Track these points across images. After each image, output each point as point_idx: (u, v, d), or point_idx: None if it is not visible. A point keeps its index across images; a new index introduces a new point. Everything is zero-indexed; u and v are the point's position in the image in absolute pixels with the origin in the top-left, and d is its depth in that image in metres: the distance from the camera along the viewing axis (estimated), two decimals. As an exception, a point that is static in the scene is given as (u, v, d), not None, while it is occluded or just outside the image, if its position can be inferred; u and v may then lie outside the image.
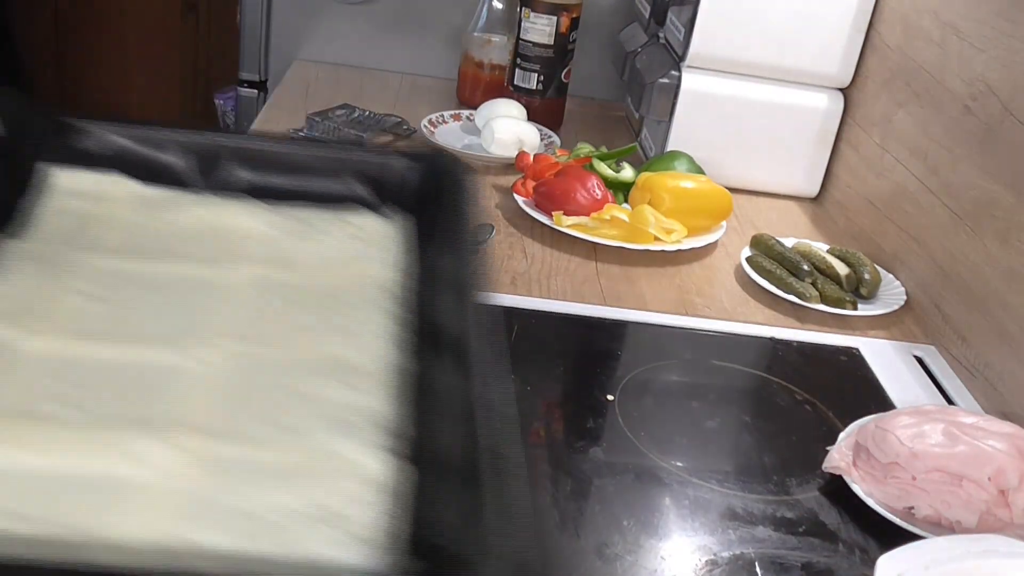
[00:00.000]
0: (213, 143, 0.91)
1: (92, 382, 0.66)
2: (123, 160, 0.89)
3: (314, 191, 0.90)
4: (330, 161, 0.91)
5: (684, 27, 1.46)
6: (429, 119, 1.58)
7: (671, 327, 1.13)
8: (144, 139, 0.90)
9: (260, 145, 0.92)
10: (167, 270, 0.79)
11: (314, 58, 1.88)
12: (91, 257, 0.79)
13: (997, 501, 0.81)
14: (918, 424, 0.86)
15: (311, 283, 0.80)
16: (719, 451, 0.95)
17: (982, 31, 1.16)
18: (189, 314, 0.74)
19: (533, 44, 1.63)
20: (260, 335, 0.73)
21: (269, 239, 0.84)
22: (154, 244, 0.82)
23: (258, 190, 0.89)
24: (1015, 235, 1.05)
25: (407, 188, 0.91)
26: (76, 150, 0.89)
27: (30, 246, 0.79)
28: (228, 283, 0.79)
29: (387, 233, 0.88)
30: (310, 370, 0.69)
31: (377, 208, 0.90)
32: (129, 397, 0.65)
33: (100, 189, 0.88)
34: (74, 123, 0.90)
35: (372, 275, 0.82)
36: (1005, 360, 1.03)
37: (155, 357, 0.69)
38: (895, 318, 1.21)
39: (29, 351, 0.68)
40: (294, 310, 0.76)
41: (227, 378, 0.68)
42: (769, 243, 1.28)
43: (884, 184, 1.36)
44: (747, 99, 1.48)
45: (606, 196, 1.33)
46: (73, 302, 0.74)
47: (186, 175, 0.90)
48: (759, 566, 0.78)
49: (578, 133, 1.69)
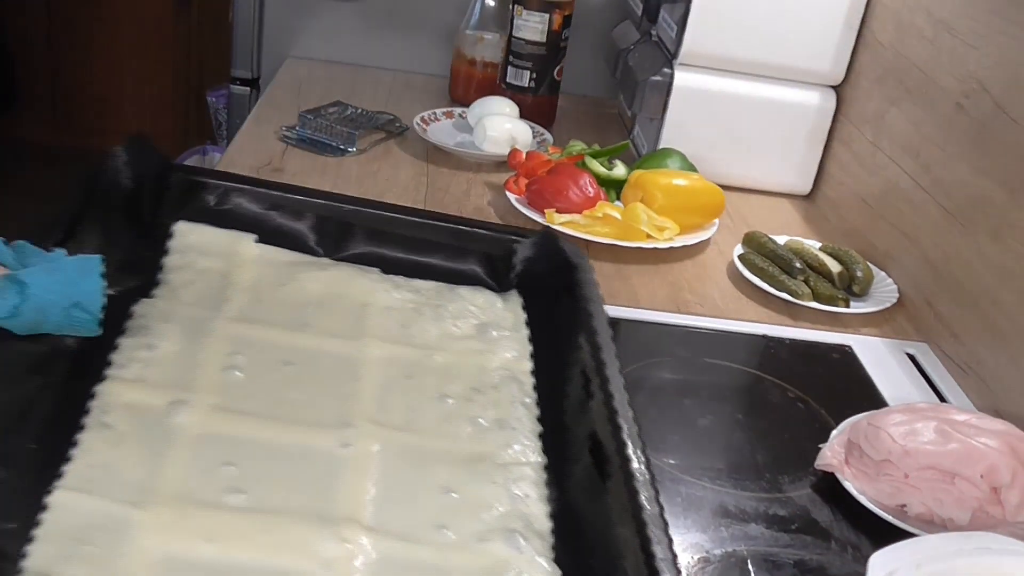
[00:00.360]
0: (341, 212, 0.93)
1: (253, 465, 0.67)
2: (250, 221, 0.92)
3: (434, 266, 0.93)
4: (452, 237, 0.93)
5: (676, 24, 1.46)
6: (421, 116, 1.58)
7: (663, 324, 1.13)
8: (272, 201, 0.93)
9: (384, 216, 0.94)
10: (301, 342, 0.81)
11: (307, 55, 1.88)
12: (227, 324, 0.80)
13: (989, 499, 0.81)
14: (910, 422, 0.86)
15: (442, 365, 0.82)
16: (712, 449, 0.95)
17: (975, 28, 1.16)
18: (335, 394, 0.76)
19: (525, 41, 1.63)
20: (409, 422, 0.74)
21: (396, 315, 0.86)
22: (286, 313, 0.84)
23: (380, 261, 0.92)
24: (1007, 232, 1.05)
25: (524, 269, 0.93)
26: (204, 208, 0.91)
27: (165, 306, 0.80)
28: (362, 360, 0.80)
29: (508, 315, 0.90)
30: (466, 467, 0.71)
31: (495, 287, 0.93)
32: (292, 485, 0.67)
33: (228, 249, 0.89)
34: (203, 180, 0.92)
35: (501, 361, 0.83)
36: (997, 357, 1.03)
37: (312, 442, 0.70)
38: (887, 315, 1.21)
39: (183, 426, 0.69)
40: (433, 395, 0.78)
41: (387, 470, 0.69)
42: (761, 240, 1.28)
43: (876, 181, 1.36)
44: (739, 96, 1.48)
45: (598, 194, 1.33)
46: (216, 372, 0.75)
47: (311, 241, 0.92)
48: (751, 564, 0.78)
49: (570, 131, 1.68)
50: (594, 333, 0.80)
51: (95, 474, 0.63)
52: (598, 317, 0.82)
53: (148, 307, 0.80)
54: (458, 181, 1.43)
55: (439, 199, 1.36)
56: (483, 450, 0.73)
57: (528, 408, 0.78)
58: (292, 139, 1.48)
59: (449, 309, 0.88)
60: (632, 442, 0.67)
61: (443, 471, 0.70)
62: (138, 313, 0.78)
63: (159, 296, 0.82)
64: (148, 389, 0.71)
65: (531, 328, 0.88)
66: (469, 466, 0.71)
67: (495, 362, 0.83)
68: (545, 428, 0.77)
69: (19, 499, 0.61)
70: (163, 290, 0.83)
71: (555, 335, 0.86)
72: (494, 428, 0.75)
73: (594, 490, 0.68)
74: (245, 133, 1.50)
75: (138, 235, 0.88)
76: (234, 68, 1.89)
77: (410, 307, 0.87)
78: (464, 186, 1.41)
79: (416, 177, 1.42)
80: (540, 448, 0.74)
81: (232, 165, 1.36)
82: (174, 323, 0.78)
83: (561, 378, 0.81)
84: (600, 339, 0.79)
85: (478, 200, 1.37)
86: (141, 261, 0.85)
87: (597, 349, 0.78)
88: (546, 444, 0.75)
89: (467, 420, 0.76)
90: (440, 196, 1.37)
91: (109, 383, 0.71)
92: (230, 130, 1.97)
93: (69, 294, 0.71)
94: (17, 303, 0.68)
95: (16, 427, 0.65)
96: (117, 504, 0.62)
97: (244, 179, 0.95)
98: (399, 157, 1.49)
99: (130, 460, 0.65)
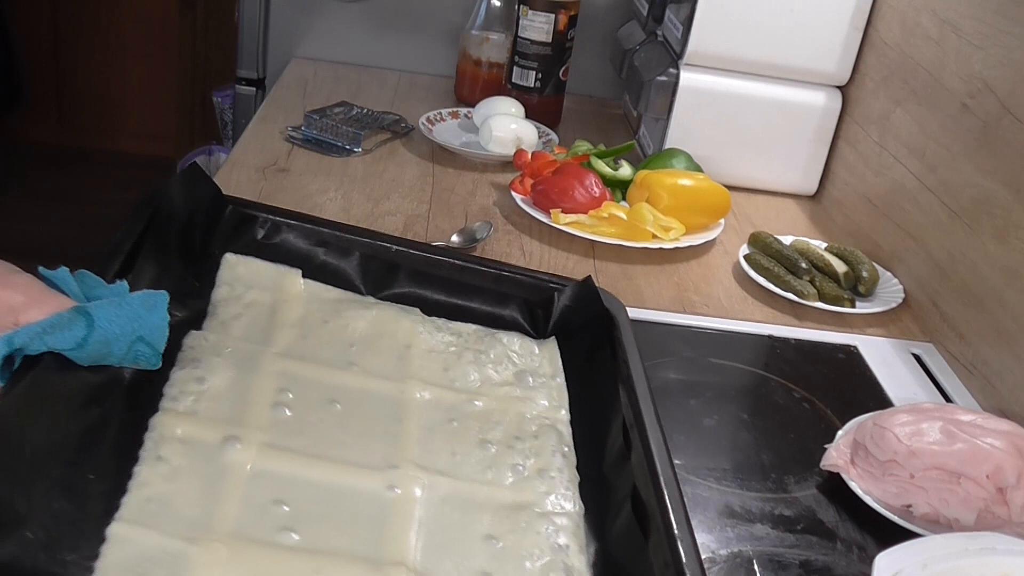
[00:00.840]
0: (387, 252, 0.95)
1: (304, 505, 0.69)
2: (298, 256, 0.94)
3: (474, 310, 0.95)
4: (493, 282, 0.96)
5: (682, 25, 1.46)
6: (427, 117, 1.58)
7: (669, 325, 1.13)
8: (320, 238, 0.95)
9: (428, 259, 0.96)
10: (347, 381, 0.83)
11: (312, 56, 1.88)
12: (275, 359, 0.82)
13: (995, 499, 0.81)
14: (916, 422, 0.86)
15: (483, 411, 0.84)
16: (717, 449, 0.95)
17: (981, 28, 1.16)
18: (380, 435, 0.78)
19: (531, 42, 1.63)
20: (453, 467, 0.76)
21: (438, 357, 0.88)
22: (331, 350, 0.86)
23: (422, 301, 0.94)
24: (1013, 233, 1.05)
25: (563, 317, 0.95)
26: (253, 241, 0.94)
27: (215, 339, 0.82)
28: (406, 402, 0.82)
29: (545, 362, 0.92)
30: (509, 515, 0.73)
31: (533, 333, 0.95)
32: (342, 526, 0.68)
33: (276, 283, 0.91)
34: (254, 213, 0.94)
35: (540, 410, 0.85)
36: (1003, 358, 1.03)
37: (360, 483, 0.72)
38: (893, 316, 1.21)
39: (236, 462, 0.71)
40: (475, 440, 0.80)
41: (433, 515, 0.71)
42: (767, 241, 1.28)
43: (882, 182, 1.36)
44: (745, 97, 1.48)
45: (604, 194, 1.33)
46: (265, 409, 0.77)
47: (356, 278, 0.95)
48: (757, 564, 0.78)
49: (576, 131, 1.69)
50: (633, 387, 0.82)
51: (152, 508, 0.65)
52: (636, 370, 0.84)
53: (199, 339, 0.82)
54: (463, 181, 1.43)
55: (444, 199, 1.36)
56: (524, 499, 0.75)
57: (567, 458, 0.80)
58: (298, 139, 1.48)
59: (489, 354, 0.90)
60: (672, 502, 0.69)
61: (487, 518, 0.72)
62: (189, 345, 0.81)
63: (208, 328, 0.84)
64: (201, 423, 0.73)
65: (568, 376, 0.90)
66: (511, 514, 0.73)
67: (534, 410, 0.85)
68: (582, 477, 0.79)
69: (79, 531, 0.62)
70: (212, 322, 0.85)
71: (593, 385, 0.88)
72: (534, 476, 0.77)
73: (634, 543, 0.69)
74: (251, 133, 1.50)
75: (189, 265, 0.90)
76: (239, 68, 1.89)
77: (451, 350, 0.90)
78: (470, 186, 1.42)
79: (422, 177, 1.42)
80: (579, 498, 0.76)
81: (237, 165, 1.37)
82: (224, 356, 0.80)
83: (599, 429, 0.83)
84: (639, 394, 0.81)
85: (483, 200, 1.37)
86: (191, 291, 0.88)
87: (636, 403, 0.80)
88: (584, 493, 0.77)
89: (508, 467, 0.78)
90: (446, 196, 1.37)
91: (163, 415, 0.73)
92: (236, 130, 1.98)
93: (135, 328, 0.72)
94: (84, 335, 0.69)
95: (76, 458, 0.67)
96: (174, 539, 0.63)
97: (294, 214, 0.97)
98: (405, 157, 1.49)
99: (185, 495, 0.67)
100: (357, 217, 1.26)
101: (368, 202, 1.31)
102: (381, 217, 1.27)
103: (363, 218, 1.26)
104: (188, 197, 0.90)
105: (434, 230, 1.25)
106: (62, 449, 0.66)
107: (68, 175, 3.47)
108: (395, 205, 1.32)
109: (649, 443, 0.75)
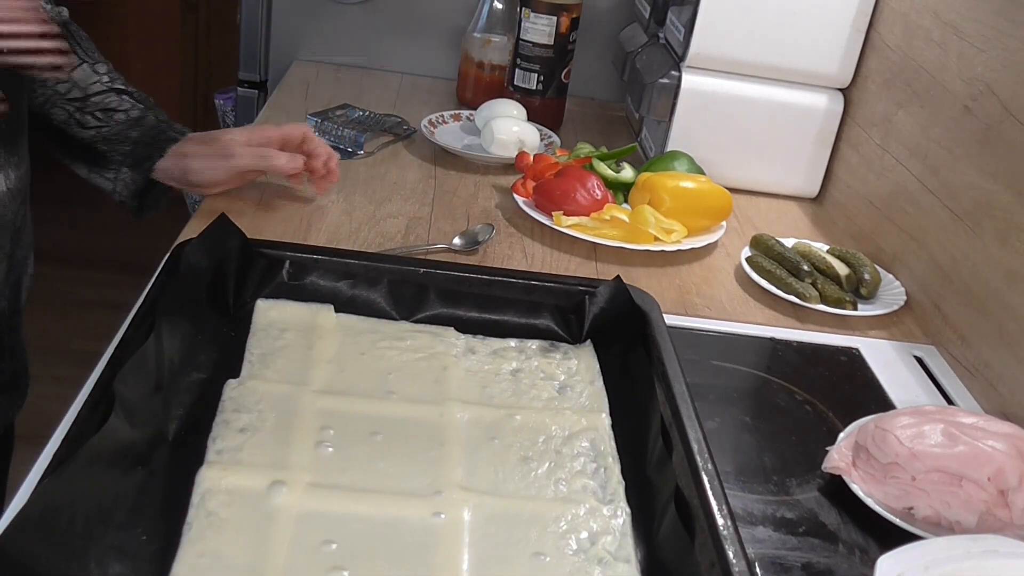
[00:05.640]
0: (415, 276, 0.97)
1: (352, 541, 0.70)
2: (327, 291, 0.96)
3: (507, 322, 0.96)
4: (523, 293, 0.96)
5: (684, 27, 1.46)
6: (429, 119, 1.58)
7: (671, 327, 1.12)
8: (348, 271, 0.96)
9: (455, 277, 0.97)
10: (387, 411, 0.84)
11: (314, 58, 1.88)
12: (314, 398, 0.84)
13: (997, 501, 0.81)
14: (918, 424, 0.86)
15: (523, 425, 0.84)
16: (719, 451, 0.94)
17: (982, 31, 1.16)
18: (423, 461, 0.78)
19: (533, 44, 1.63)
20: (496, 486, 0.77)
21: (474, 376, 0.89)
22: (369, 381, 0.87)
23: (455, 320, 0.95)
24: (1015, 235, 1.05)
25: (597, 320, 0.96)
26: (283, 284, 0.96)
27: (254, 385, 0.84)
28: (446, 424, 0.83)
29: (583, 368, 0.92)
30: (554, 528, 0.73)
31: (568, 339, 0.96)
32: (392, 558, 0.69)
33: (309, 322, 0.93)
34: (279, 255, 0.96)
35: (579, 417, 0.85)
36: (1005, 360, 1.03)
37: (406, 513, 0.73)
38: (895, 318, 1.21)
39: (283, 506, 0.72)
40: (516, 456, 0.80)
41: (480, 537, 0.72)
42: (769, 243, 1.28)
43: (884, 184, 1.36)
44: (747, 99, 1.48)
45: (606, 196, 1.33)
46: (308, 449, 0.78)
47: (389, 306, 0.96)
48: (759, 566, 0.78)
49: (578, 133, 1.69)
50: (669, 384, 0.83)
51: (204, 562, 0.66)
52: (672, 367, 0.85)
53: (237, 388, 0.83)
54: (466, 184, 1.43)
55: (447, 202, 1.36)
56: (569, 510, 0.75)
57: (611, 464, 0.81)
58: (300, 142, 1.48)
59: (526, 367, 0.91)
60: (716, 498, 0.70)
61: (533, 534, 0.73)
62: (228, 395, 0.82)
63: (246, 375, 0.85)
64: (246, 472, 0.74)
65: (605, 379, 0.91)
66: (557, 527, 0.74)
67: (573, 418, 0.85)
68: (627, 481, 0.79)
69: None
70: (249, 369, 0.86)
71: (630, 386, 0.88)
72: (579, 487, 0.78)
73: (680, 545, 0.69)
74: (253, 136, 1.50)
75: (222, 315, 0.92)
76: (241, 71, 1.90)
77: (487, 367, 0.91)
78: (472, 189, 1.42)
79: (424, 180, 1.42)
80: (625, 505, 0.76)
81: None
82: (264, 402, 0.82)
83: (640, 430, 0.83)
84: (676, 391, 0.82)
85: (486, 203, 1.37)
86: (227, 341, 0.89)
87: (674, 401, 0.80)
88: (629, 497, 0.77)
89: (551, 480, 0.78)
90: (448, 199, 1.37)
91: (208, 468, 0.74)
92: (238, 133, 1.98)
93: None
94: None
95: (127, 521, 0.68)
96: None
97: (320, 250, 0.99)
98: (407, 160, 1.49)
99: (236, 545, 0.68)
100: (359, 220, 1.26)
101: (370, 204, 1.31)
102: (383, 220, 1.27)
103: (365, 221, 1.26)
104: (217, 249, 0.92)
105: (436, 233, 1.25)
106: (113, 513, 0.67)
107: (72, 177, 3.47)
108: (397, 208, 1.32)
109: (689, 441, 0.75)
